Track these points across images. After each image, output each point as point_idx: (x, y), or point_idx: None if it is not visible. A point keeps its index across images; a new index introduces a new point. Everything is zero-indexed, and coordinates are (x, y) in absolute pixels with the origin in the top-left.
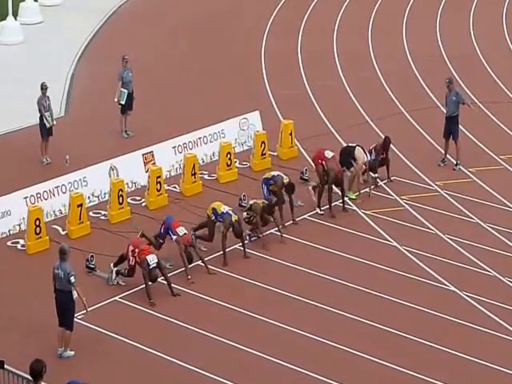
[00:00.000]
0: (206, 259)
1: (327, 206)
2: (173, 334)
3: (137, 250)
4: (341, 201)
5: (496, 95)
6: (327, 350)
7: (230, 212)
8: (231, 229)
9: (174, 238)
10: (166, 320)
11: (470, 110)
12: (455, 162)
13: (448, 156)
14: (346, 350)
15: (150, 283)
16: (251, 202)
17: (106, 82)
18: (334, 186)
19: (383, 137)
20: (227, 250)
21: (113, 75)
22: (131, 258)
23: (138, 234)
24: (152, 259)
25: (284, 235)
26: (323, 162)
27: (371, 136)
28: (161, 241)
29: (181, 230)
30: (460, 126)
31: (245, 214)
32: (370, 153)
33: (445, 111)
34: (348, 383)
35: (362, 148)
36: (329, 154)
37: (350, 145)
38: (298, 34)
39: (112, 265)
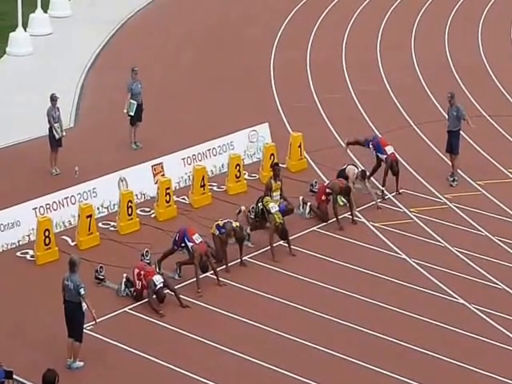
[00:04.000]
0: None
1: (335, 219)
2: (182, 345)
3: (142, 273)
4: (349, 213)
5: (504, 108)
6: (335, 362)
7: (231, 220)
8: (233, 234)
9: (190, 245)
10: (175, 331)
11: (478, 123)
12: (452, 178)
13: (459, 171)
14: (354, 362)
15: (154, 296)
16: (273, 211)
17: (116, 93)
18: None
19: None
20: (238, 260)
21: (122, 86)
22: (137, 281)
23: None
24: (158, 279)
25: (292, 247)
26: (326, 190)
27: None
28: (175, 247)
29: (197, 238)
30: (469, 140)
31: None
32: (381, 151)
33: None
34: None
35: (353, 164)
36: (329, 183)
37: (342, 168)
38: (307, 45)
39: (125, 275)
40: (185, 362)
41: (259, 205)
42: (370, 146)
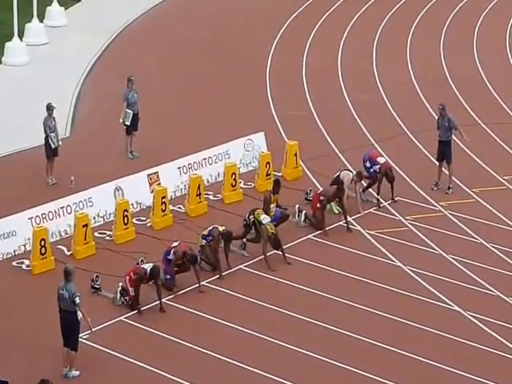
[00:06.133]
0: (211, 278)
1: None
2: (178, 353)
3: (131, 274)
4: (345, 221)
5: (499, 116)
6: (331, 369)
7: (216, 225)
8: (221, 237)
9: (171, 256)
10: (170, 339)
11: (473, 131)
12: (448, 186)
13: (454, 179)
14: (349, 369)
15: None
16: (264, 222)
17: (112, 102)
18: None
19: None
20: (232, 269)
21: (118, 96)
22: (130, 288)
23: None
24: (146, 266)
25: (288, 255)
26: (320, 197)
27: None
28: (168, 276)
29: (173, 245)
30: (464, 148)
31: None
32: (374, 163)
33: (437, 135)
34: None
35: (347, 169)
36: (322, 191)
37: (336, 175)
38: (303, 54)
39: (121, 284)
40: (181, 371)
41: (250, 217)
42: (368, 163)
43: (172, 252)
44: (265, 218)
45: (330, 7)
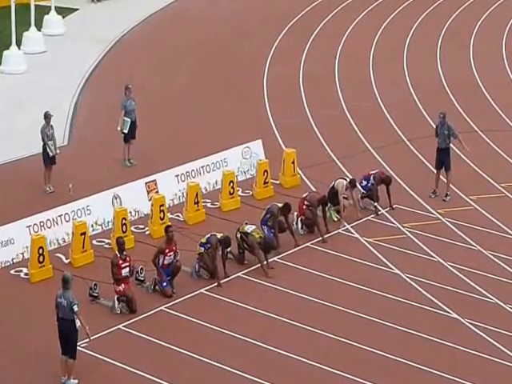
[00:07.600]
0: (209, 286)
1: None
2: (176, 362)
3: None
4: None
5: (496, 124)
6: (329, 377)
7: (214, 233)
8: (219, 245)
9: (161, 260)
10: (169, 348)
11: (470, 138)
12: (445, 193)
13: (452, 186)
14: (346, 377)
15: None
16: (249, 230)
17: (109, 110)
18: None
19: (384, 175)
20: (230, 277)
21: (116, 104)
22: (120, 287)
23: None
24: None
25: (285, 262)
26: (305, 202)
27: (372, 165)
28: (164, 284)
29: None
30: (462, 155)
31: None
32: (368, 179)
33: (437, 142)
34: None
35: (342, 178)
36: (307, 196)
37: (331, 185)
38: (300, 62)
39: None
40: (179, 379)
41: (238, 236)
42: (363, 182)
43: (157, 255)
44: (249, 228)
45: (328, 14)
